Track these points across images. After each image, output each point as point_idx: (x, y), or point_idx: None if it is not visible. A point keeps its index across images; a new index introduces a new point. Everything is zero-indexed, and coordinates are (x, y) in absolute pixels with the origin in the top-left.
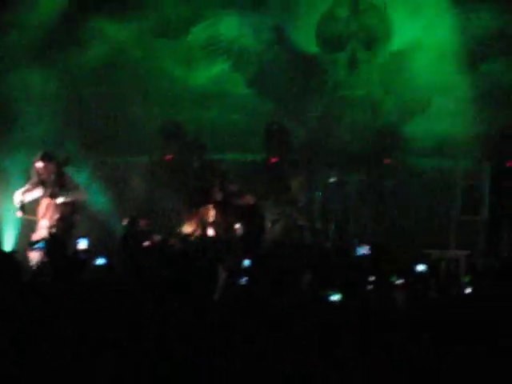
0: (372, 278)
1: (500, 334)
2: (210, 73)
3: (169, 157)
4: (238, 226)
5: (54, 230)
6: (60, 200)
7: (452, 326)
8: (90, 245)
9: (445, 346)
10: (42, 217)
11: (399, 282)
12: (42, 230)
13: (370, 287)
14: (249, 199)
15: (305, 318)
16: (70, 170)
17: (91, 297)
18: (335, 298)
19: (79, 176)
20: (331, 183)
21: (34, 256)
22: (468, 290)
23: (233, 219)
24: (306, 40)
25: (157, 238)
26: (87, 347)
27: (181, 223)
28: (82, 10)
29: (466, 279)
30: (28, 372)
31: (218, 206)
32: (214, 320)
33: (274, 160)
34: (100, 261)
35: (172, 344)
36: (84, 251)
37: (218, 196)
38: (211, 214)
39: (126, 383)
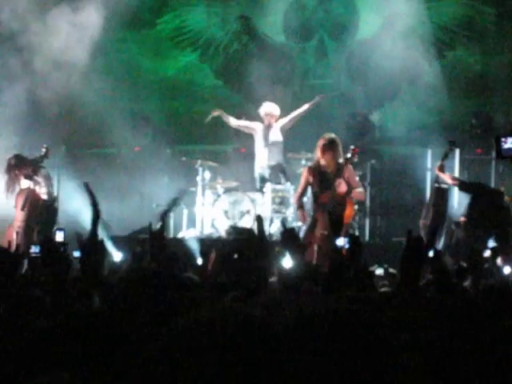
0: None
1: None
2: (179, 64)
3: (138, 148)
4: None
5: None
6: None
7: None
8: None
9: None
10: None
11: (379, 272)
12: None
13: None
14: None
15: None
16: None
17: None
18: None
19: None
20: None
21: None
22: None
23: None
24: (274, 29)
25: None
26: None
27: None
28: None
29: None
30: None
31: None
32: None
33: (244, 150)
34: (76, 253)
35: None
36: (60, 243)
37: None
38: None
39: None
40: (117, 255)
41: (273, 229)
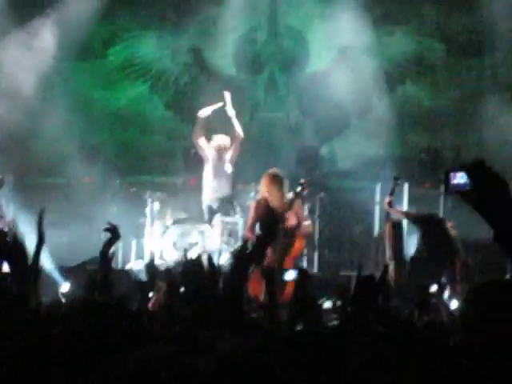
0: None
1: None
2: (129, 95)
3: (88, 178)
4: None
5: None
6: None
7: None
8: None
9: None
10: None
11: (328, 305)
12: None
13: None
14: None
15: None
16: None
17: None
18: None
19: None
20: None
21: None
22: None
23: None
24: (225, 62)
25: None
26: None
27: None
28: None
29: None
30: None
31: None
32: None
33: (193, 181)
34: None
35: None
36: (6, 274)
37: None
38: None
39: None
40: (64, 285)
41: (221, 261)
